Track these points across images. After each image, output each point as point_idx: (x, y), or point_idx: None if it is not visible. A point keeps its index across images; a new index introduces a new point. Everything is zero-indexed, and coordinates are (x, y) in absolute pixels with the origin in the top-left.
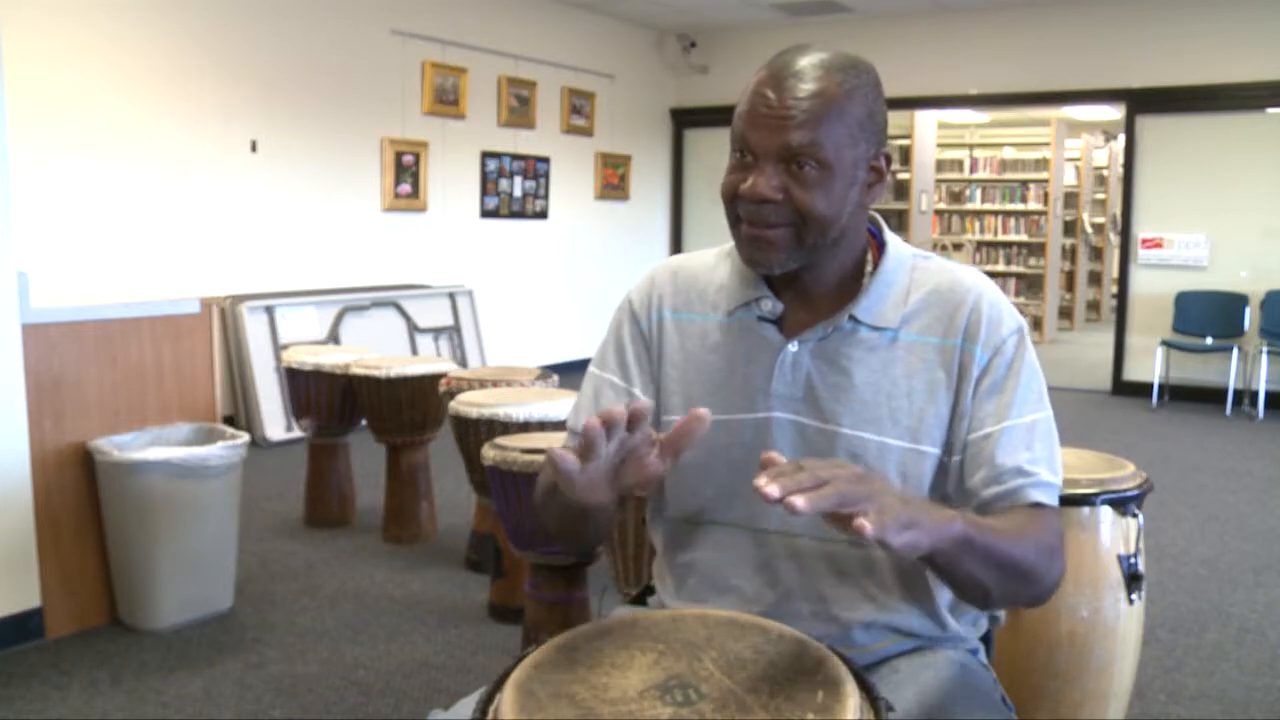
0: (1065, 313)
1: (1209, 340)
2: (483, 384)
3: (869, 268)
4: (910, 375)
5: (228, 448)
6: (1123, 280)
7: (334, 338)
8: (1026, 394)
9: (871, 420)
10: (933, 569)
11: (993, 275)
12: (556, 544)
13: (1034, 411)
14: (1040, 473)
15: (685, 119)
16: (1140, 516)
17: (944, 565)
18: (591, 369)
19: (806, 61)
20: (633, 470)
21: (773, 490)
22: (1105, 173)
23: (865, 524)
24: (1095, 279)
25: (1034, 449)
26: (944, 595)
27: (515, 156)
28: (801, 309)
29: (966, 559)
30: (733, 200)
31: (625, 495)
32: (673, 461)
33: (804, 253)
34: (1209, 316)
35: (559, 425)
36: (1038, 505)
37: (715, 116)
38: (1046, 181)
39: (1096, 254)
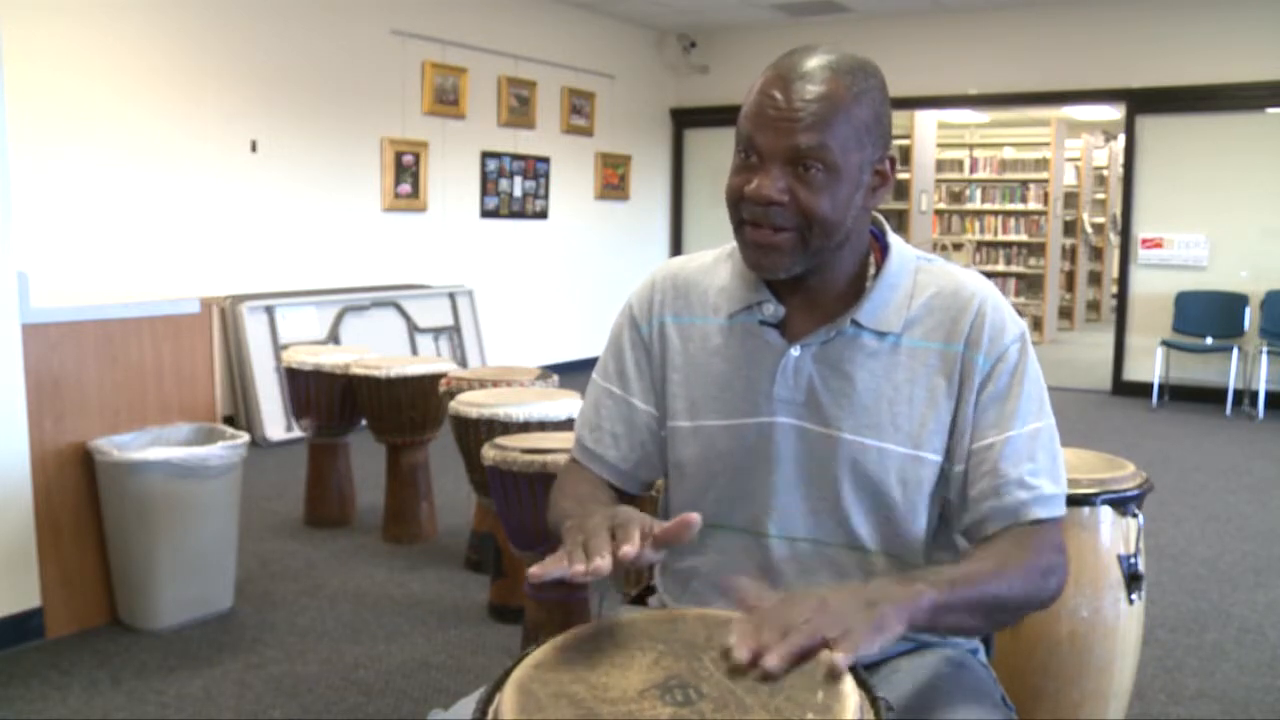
0: (1065, 313)
1: (1209, 340)
2: (483, 384)
3: (872, 271)
4: (912, 381)
5: (228, 448)
6: (1123, 280)
7: (334, 338)
8: (1029, 403)
9: (873, 425)
10: (922, 631)
11: (993, 275)
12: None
13: (1036, 420)
14: (1042, 485)
15: (685, 119)
16: (1140, 516)
17: (926, 629)
18: (594, 377)
19: (814, 63)
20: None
21: (743, 654)
22: (1105, 173)
23: (836, 661)
24: (1095, 279)
25: (1037, 459)
26: None
27: (515, 156)
28: (803, 312)
29: (945, 618)
30: (737, 202)
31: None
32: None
33: (808, 257)
34: (1209, 316)
35: (559, 425)
36: (1037, 522)
37: (715, 116)
38: (1046, 181)
39: (1096, 254)
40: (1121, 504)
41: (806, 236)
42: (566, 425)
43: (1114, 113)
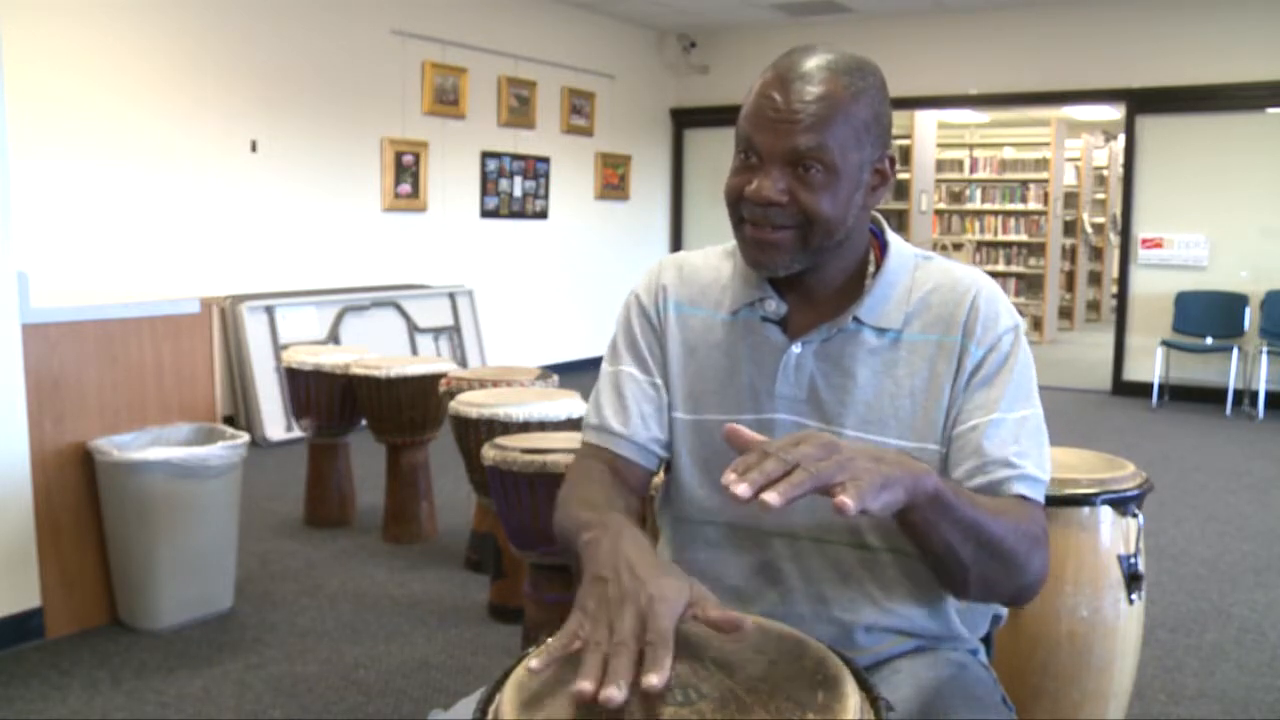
0: (1065, 313)
1: (1209, 340)
2: (483, 384)
3: (872, 269)
4: (913, 375)
5: (228, 448)
6: (1123, 280)
7: (334, 338)
8: (1017, 390)
9: (875, 421)
10: (908, 533)
11: (993, 275)
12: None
13: (1024, 408)
14: (1026, 466)
15: (685, 119)
16: (1140, 516)
17: (920, 526)
18: (606, 368)
19: (813, 63)
20: None
21: (742, 489)
22: (1105, 173)
23: (846, 501)
24: (1095, 279)
25: (1021, 443)
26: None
27: (515, 156)
28: (805, 310)
29: (943, 523)
30: (737, 202)
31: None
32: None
33: (808, 255)
34: (1209, 316)
35: (559, 425)
36: (1022, 498)
37: (715, 116)
38: (1046, 181)
39: (1096, 254)
40: (1121, 504)
41: (806, 235)
42: (566, 425)
43: (1114, 113)
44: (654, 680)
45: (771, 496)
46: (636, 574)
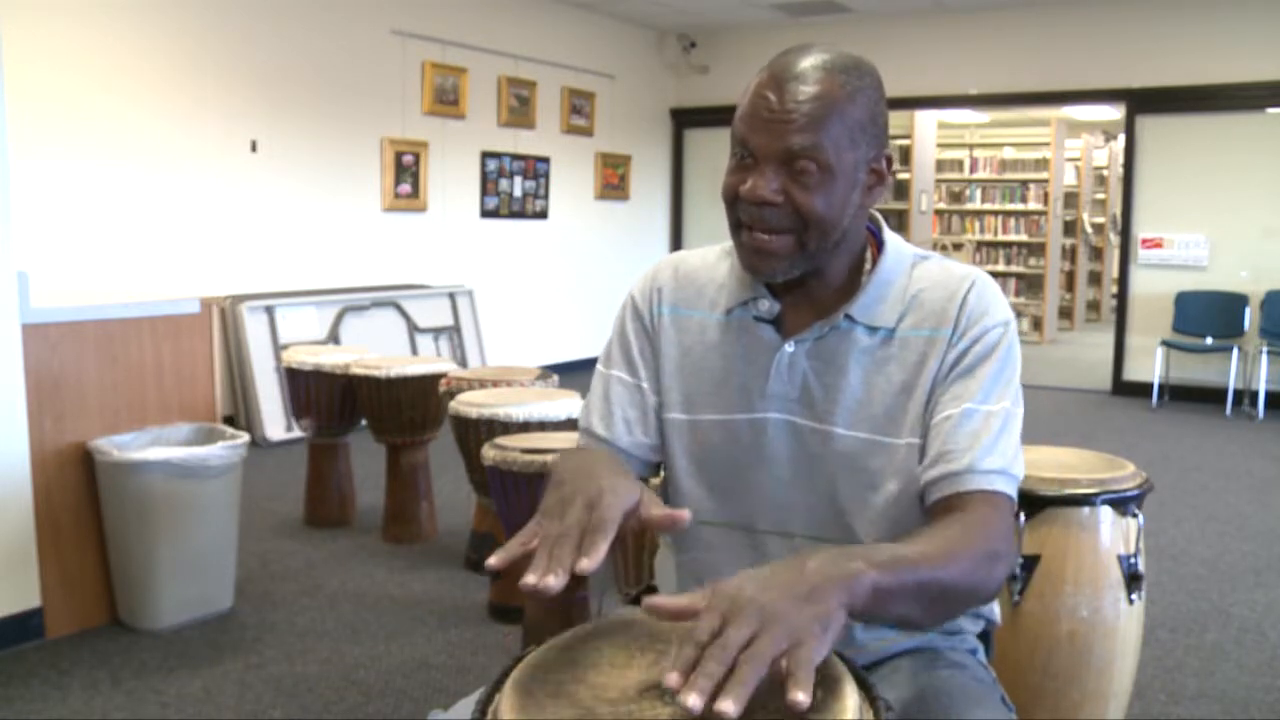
0: (1065, 313)
1: (1209, 340)
2: (483, 384)
3: (867, 267)
4: (905, 372)
5: (228, 448)
6: (1123, 280)
7: (334, 338)
8: (995, 384)
9: (867, 419)
10: (859, 619)
11: (993, 275)
12: None
13: (1000, 401)
14: (994, 461)
15: (685, 119)
16: (1140, 516)
17: (869, 615)
18: (599, 368)
19: (808, 63)
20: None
21: (693, 702)
22: (1105, 173)
23: (798, 699)
24: (1095, 279)
25: (992, 434)
26: None
27: (515, 156)
28: (799, 309)
29: (890, 603)
30: (733, 202)
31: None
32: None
33: (805, 259)
34: (1209, 316)
35: (559, 425)
36: (987, 494)
37: (715, 116)
38: (1046, 181)
39: (1096, 254)
40: (1121, 504)
41: (803, 238)
42: (566, 425)
43: (1114, 113)
44: (585, 564)
45: (727, 706)
46: (591, 474)
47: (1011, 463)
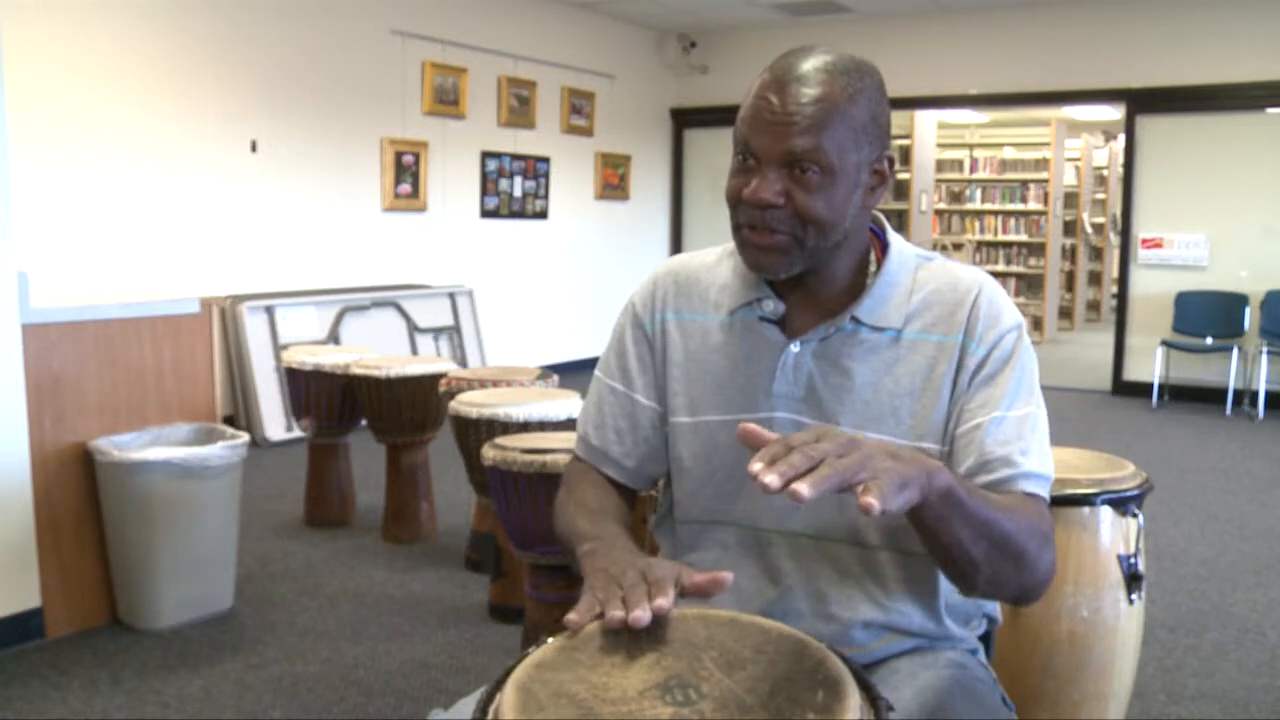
0: (1065, 313)
1: (1209, 340)
2: (483, 384)
3: (872, 268)
4: (913, 374)
5: (228, 448)
6: (1123, 280)
7: (334, 338)
8: (1019, 388)
9: (874, 420)
10: (920, 529)
11: (993, 275)
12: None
13: (1025, 406)
14: (1029, 464)
15: (685, 119)
16: (1140, 516)
17: (932, 523)
18: (597, 373)
19: (810, 65)
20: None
21: (772, 480)
22: (1105, 173)
23: (872, 502)
24: (1095, 279)
25: (1024, 440)
26: (945, 593)
27: (515, 156)
28: (804, 309)
29: (955, 519)
30: (736, 204)
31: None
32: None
33: (805, 257)
34: (1209, 316)
35: (559, 425)
36: (1027, 495)
37: (715, 116)
38: (1046, 181)
39: (1096, 254)
40: (1121, 504)
41: (803, 237)
42: (566, 425)
43: (1114, 113)
44: (662, 604)
45: (803, 487)
46: (627, 555)
47: (1043, 464)
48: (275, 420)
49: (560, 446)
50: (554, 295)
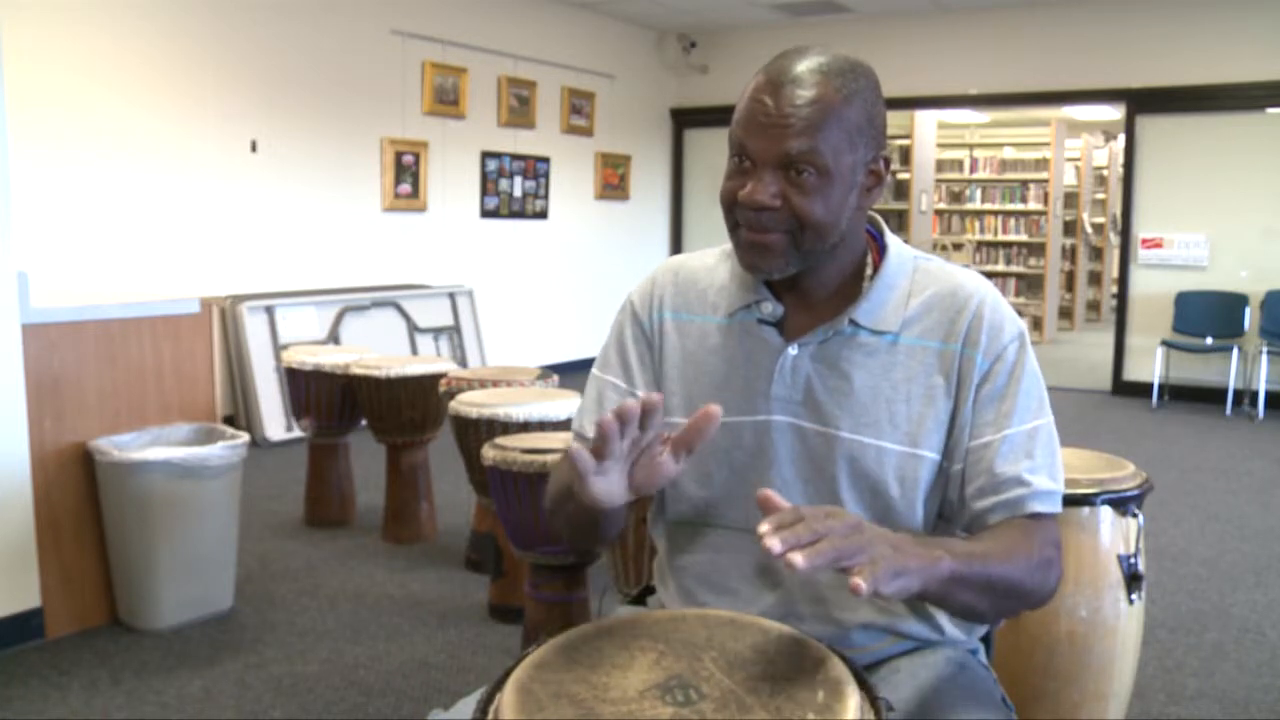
0: (1065, 313)
1: (1209, 340)
2: (483, 384)
3: (869, 271)
4: (910, 379)
5: (228, 448)
6: (1123, 280)
7: (334, 338)
8: (1028, 401)
9: (870, 424)
10: (926, 600)
11: (993, 275)
12: (565, 545)
13: (1035, 418)
14: (1040, 481)
15: (685, 119)
16: (1140, 516)
17: (936, 599)
18: (594, 371)
19: (804, 67)
20: (646, 470)
21: (775, 544)
22: (1105, 173)
23: (860, 583)
24: (1095, 279)
25: (1035, 456)
26: None
27: (515, 156)
28: (801, 312)
29: (958, 591)
30: (732, 206)
31: (638, 496)
32: (685, 458)
33: (801, 257)
34: (1209, 316)
35: (559, 425)
36: (1036, 515)
37: (715, 116)
38: (1046, 181)
39: (1096, 254)
40: (1121, 504)
41: (799, 238)
42: (566, 425)
43: (1114, 113)
44: (654, 395)
45: (798, 559)
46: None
47: (1054, 479)
48: (275, 420)
49: (560, 446)
50: (554, 295)
